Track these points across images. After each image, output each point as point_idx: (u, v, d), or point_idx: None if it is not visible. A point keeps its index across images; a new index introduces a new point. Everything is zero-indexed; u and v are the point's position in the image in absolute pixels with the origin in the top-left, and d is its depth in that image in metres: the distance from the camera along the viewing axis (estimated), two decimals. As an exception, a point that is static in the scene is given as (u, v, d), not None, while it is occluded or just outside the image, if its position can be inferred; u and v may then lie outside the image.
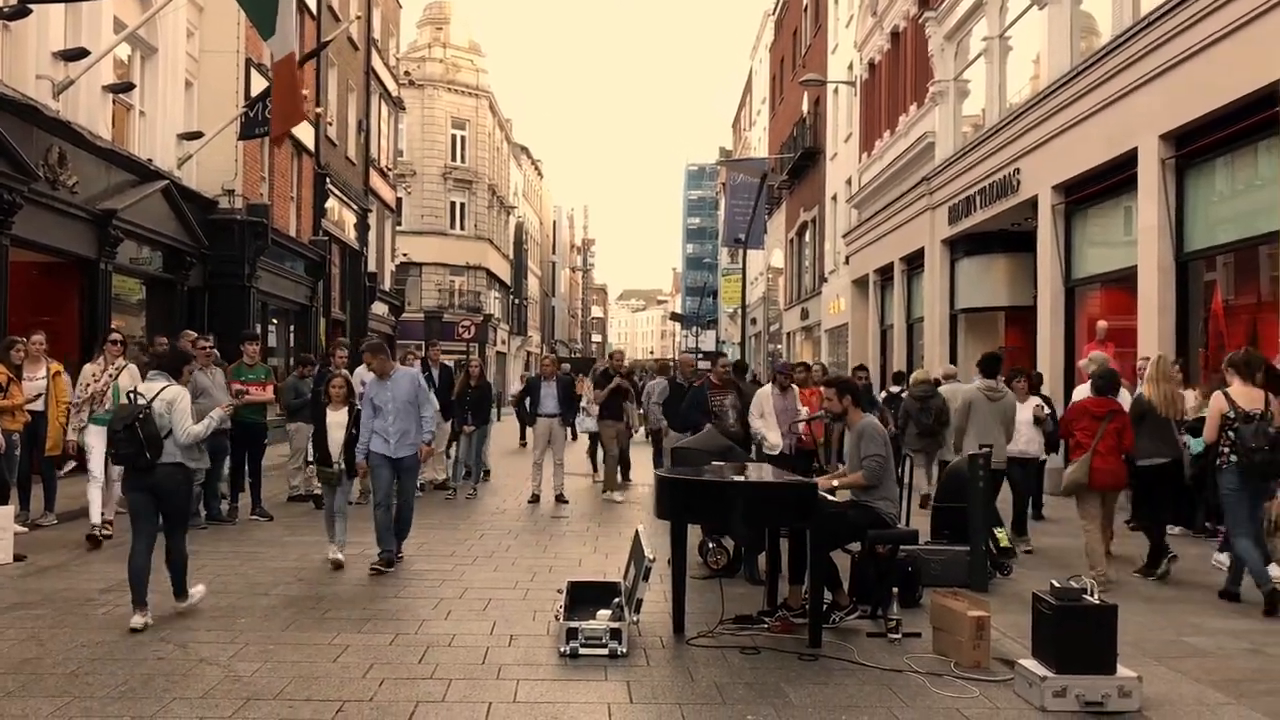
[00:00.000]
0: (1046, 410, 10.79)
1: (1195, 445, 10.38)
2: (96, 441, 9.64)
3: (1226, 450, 7.73)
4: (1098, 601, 5.60)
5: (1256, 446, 7.51)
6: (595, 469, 16.57)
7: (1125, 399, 9.55)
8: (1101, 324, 13.45)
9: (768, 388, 11.20)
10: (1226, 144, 11.43)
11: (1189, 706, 5.43)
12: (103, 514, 9.86)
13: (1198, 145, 11.85)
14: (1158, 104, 12.26)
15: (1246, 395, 7.79)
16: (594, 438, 16.88)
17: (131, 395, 6.94)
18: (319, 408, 9.28)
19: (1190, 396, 10.82)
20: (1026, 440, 10.45)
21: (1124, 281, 13.66)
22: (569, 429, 16.13)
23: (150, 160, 16.72)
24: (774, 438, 10.54)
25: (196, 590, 7.35)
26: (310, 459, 9.97)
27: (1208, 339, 12.15)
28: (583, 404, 16.83)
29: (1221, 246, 11.85)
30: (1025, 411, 10.49)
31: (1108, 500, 8.86)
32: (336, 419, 8.95)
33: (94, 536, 9.61)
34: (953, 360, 19.55)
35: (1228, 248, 11.77)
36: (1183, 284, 12.35)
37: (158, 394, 6.88)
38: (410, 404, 8.92)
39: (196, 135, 18.18)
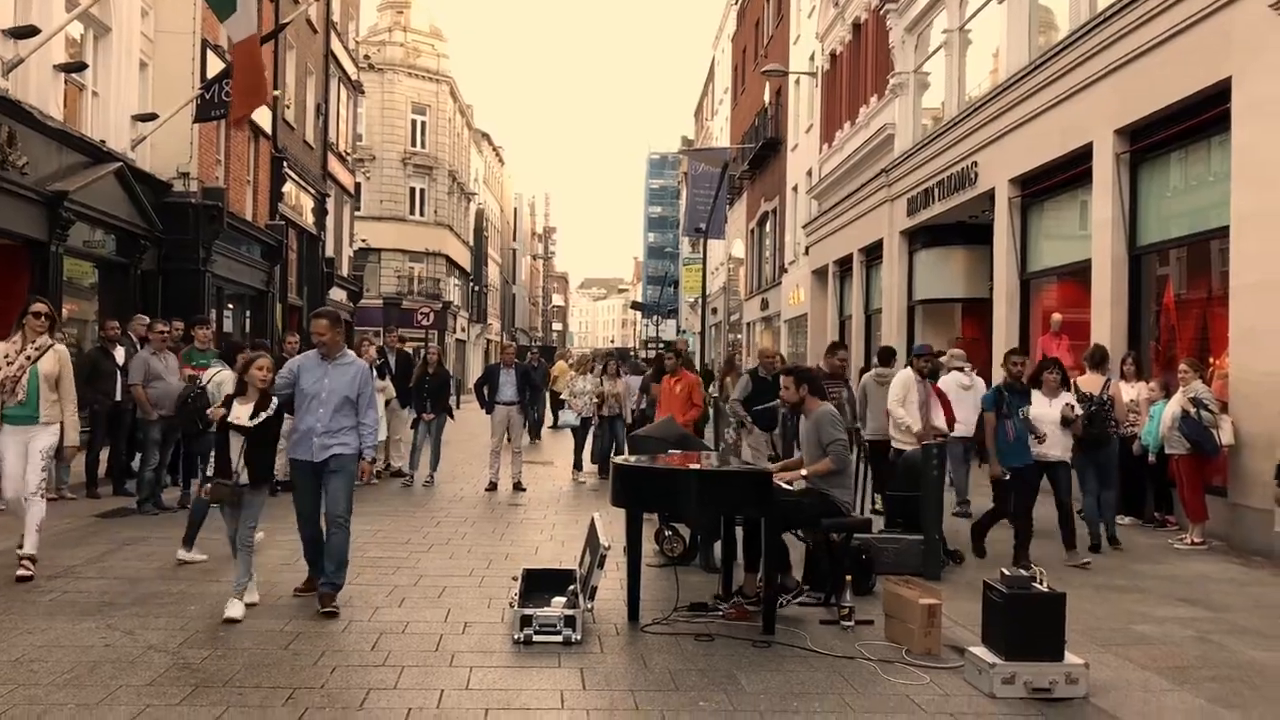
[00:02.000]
0: (1078, 411, 9.48)
1: (1147, 436, 10.58)
2: (10, 442, 7.62)
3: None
4: (1047, 590, 5.67)
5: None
6: (580, 468, 15.40)
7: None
8: (1056, 316, 13.62)
9: (907, 372, 10.44)
10: (1179, 139, 11.58)
11: (1134, 693, 5.51)
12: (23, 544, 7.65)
13: (1151, 140, 12.00)
14: (1113, 99, 12.39)
15: (1088, 381, 10.01)
16: (576, 433, 15.69)
17: (194, 378, 8.54)
18: (227, 403, 6.93)
19: (1143, 389, 11.01)
20: (1050, 441, 9.08)
21: (1078, 274, 13.81)
22: (525, 417, 15.93)
23: (103, 142, 16.44)
24: (917, 426, 9.98)
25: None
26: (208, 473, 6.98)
27: (1159, 332, 12.33)
28: (564, 396, 16.20)
29: (1174, 241, 12.01)
30: (1054, 410, 9.20)
31: None
32: (242, 413, 6.80)
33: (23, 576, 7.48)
34: (908, 352, 19.70)
35: (1180, 242, 11.93)
36: (1135, 277, 12.50)
37: (212, 377, 8.56)
38: (348, 401, 7.03)
39: (151, 117, 17.91)
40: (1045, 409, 9.11)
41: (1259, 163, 9.64)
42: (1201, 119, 10.91)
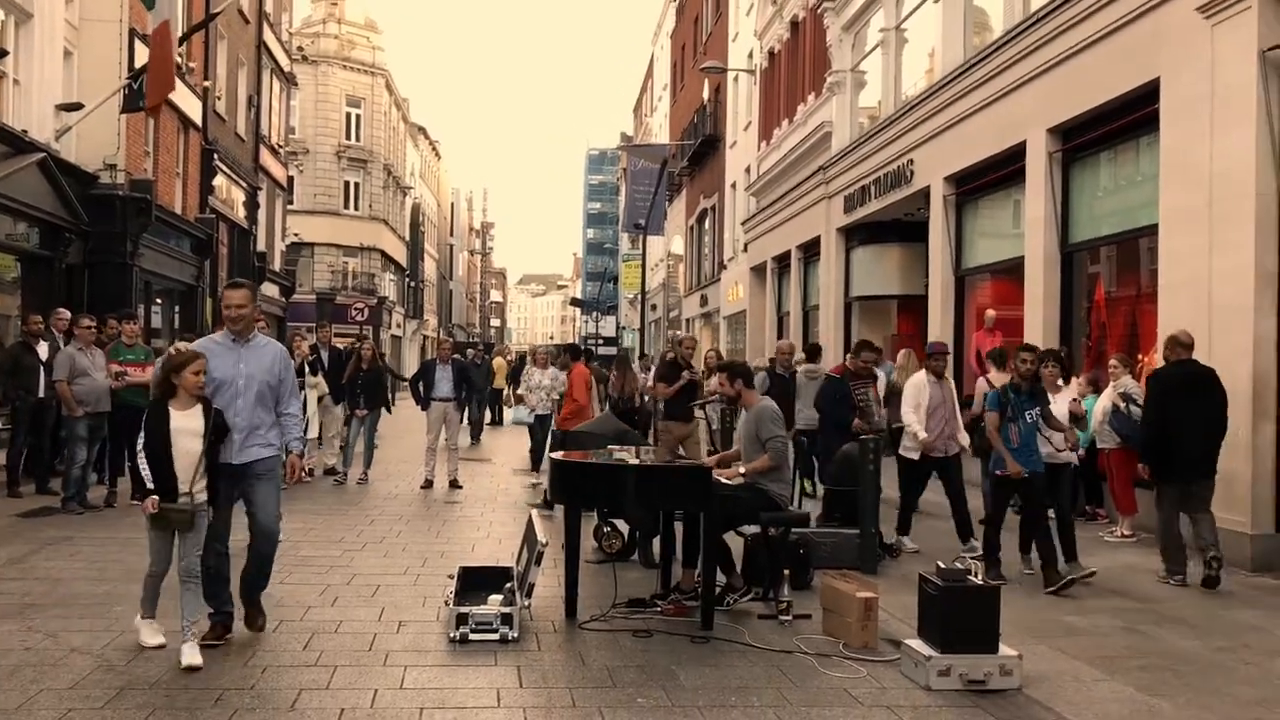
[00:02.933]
0: (1085, 406, 9.20)
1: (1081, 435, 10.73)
2: None
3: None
4: (981, 583, 5.72)
5: None
6: (538, 468, 13.94)
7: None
8: (990, 313, 13.79)
9: (920, 375, 9.57)
10: (1110, 139, 11.77)
11: (1066, 683, 5.58)
12: None
13: (1083, 139, 12.18)
14: (1045, 99, 12.57)
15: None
16: (534, 431, 14.54)
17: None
18: (158, 409, 5.72)
19: (1073, 386, 11.17)
20: (1059, 441, 8.49)
21: (1012, 272, 14.00)
22: (462, 413, 15.70)
23: (25, 132, 15.97)
24: (921, 434, 9.10)
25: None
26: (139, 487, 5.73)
27: (1090, 329, 12.53)
28: (520, 390, 15.26)
29: (1104, 239, 12.21)
30: (1060, 405, 8.67)
31: None
32: (186, 423, 5.69)
33: None
34: (846, 349, 19.86)
35: (1110, 240, 12.14)
36: (1067, 275, 12.69)
37: None
38: (269, 387, 6.09)
39: (76, 106, 17.42)
40: (1056, 405, 8.60)
41: (1186, 163, 9.83)
42: (1131, 119, 11.10)
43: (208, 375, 5.84)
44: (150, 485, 5.62)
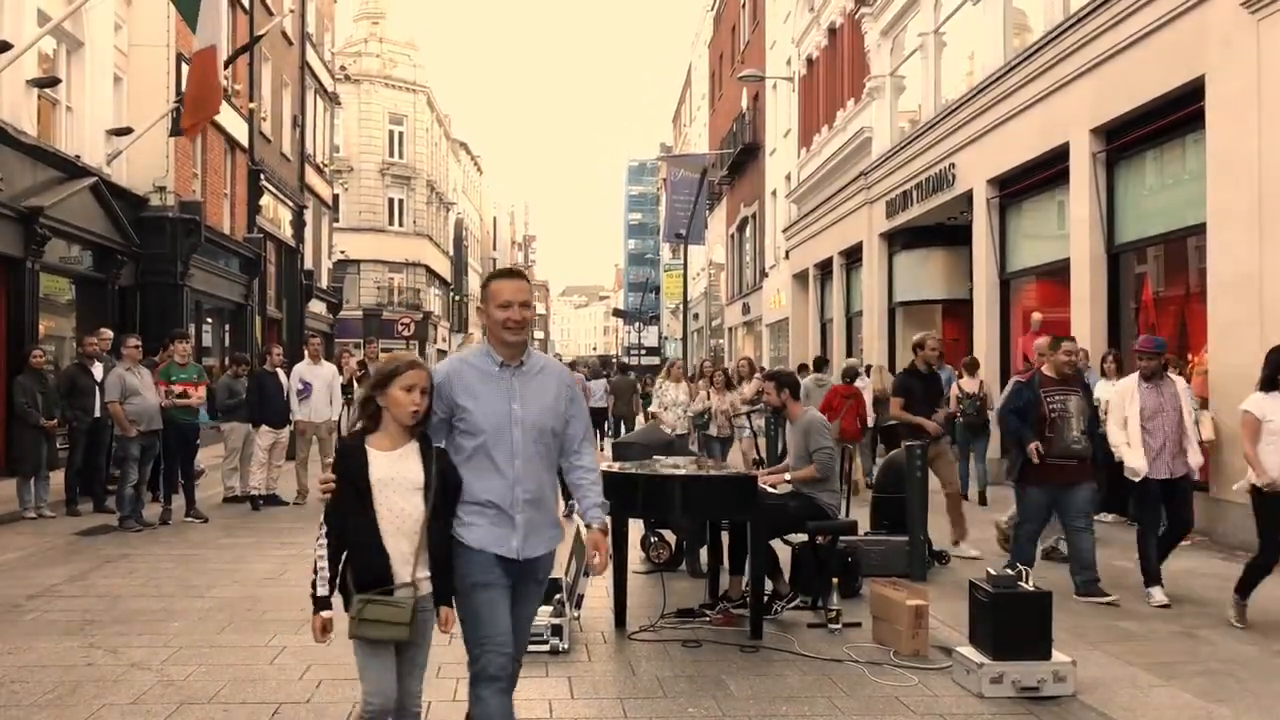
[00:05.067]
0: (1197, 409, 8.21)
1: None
2: None
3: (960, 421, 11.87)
4: (1033, 589, 5.68)
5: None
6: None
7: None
8: (1036, 315, 13.66)
9: (1132, 379, 7.86)
10: (1155, 138, 11.65)
11: (1122, 689, 5.52)
12: None
13: (1127, 139, 12.07)
14: (1088, 98, 12.46)
15: (969, 384, 12.88)
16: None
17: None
18: (352, 450, 3.72)
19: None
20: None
21: (1057, 273, 13.87)
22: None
23: (78, 156, 16.33)
24: (1134, 459, 7.55)
25: None
26: (337, 579, 3.77)
27: (1139, 330, 12.37)
28: (653, 409, 13.53)
29: (1151, 239, 12.07)
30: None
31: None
32: (395, 469, 3.69)
33: None
34: (891, 353, 19.81)
35: (1157, 240, 12.00)
36: (1114, 275, 12.56)
37: None
38: (553, 435, 3.98)
39: (126, 131, 17.80)
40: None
41: (1234, 161, 9.70)
42: (1176, 117, 10.98)
43: (462, 418, 3.84)
44: (322, 589, 3.70)
